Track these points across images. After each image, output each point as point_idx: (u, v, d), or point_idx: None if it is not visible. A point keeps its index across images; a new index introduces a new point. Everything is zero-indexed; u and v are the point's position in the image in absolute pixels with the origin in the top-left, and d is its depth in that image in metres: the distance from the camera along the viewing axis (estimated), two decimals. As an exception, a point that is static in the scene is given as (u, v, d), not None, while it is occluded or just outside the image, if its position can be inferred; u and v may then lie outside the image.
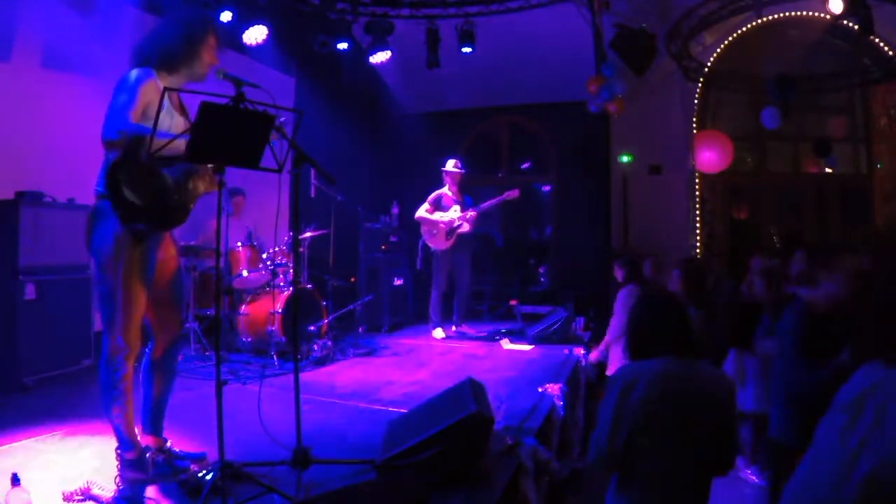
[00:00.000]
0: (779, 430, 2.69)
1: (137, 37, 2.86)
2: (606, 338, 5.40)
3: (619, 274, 5.51)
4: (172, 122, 2.69)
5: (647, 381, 2.05)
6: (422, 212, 6.87)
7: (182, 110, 2.87)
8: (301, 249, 5.88)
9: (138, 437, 2.74)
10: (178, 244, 3.08)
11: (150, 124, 2.44)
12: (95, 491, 2.47)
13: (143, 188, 2.53)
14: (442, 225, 6.80)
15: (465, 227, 6.84)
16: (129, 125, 2.52)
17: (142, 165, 2.54)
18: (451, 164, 6.99)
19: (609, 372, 5.15)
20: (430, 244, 6.93)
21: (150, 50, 2.75)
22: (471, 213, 6.82)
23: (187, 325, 5.48)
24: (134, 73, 2.66)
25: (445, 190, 6.96)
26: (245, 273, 5.59)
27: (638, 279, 5.37)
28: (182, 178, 2.69)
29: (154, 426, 2.86)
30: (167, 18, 2.85)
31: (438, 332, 6.82)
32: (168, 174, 2.63)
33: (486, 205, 6.89)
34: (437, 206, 6.89)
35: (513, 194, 6.84)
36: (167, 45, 2.75)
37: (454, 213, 6.82)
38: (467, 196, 7.08)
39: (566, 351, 5.86)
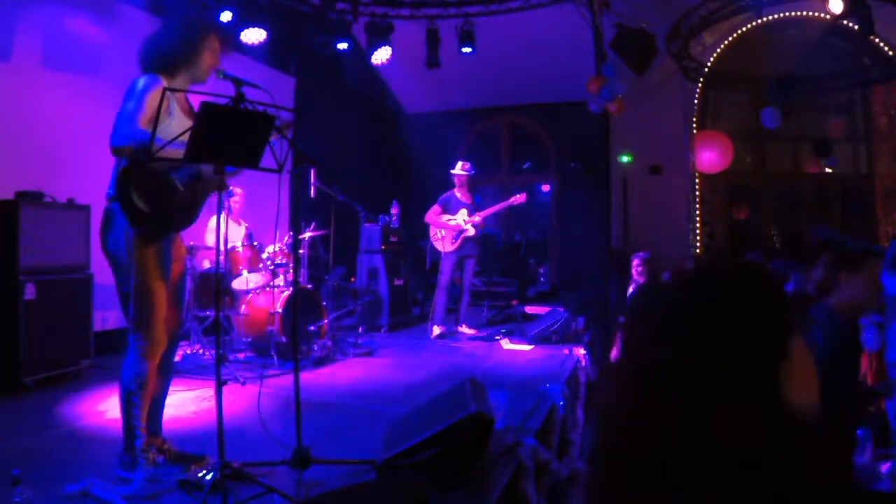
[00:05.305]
0: None
1: (138, 37, 2.85)
2: None
3: (637, 271, 5.34)
4: (180, 124, 2.66)
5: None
6: (431, 214, 6.91)
7: (191, 113, 2.85)
8: (301, 249, 5.87)
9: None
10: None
11: (157, 129, 2.44)
12: (96, 491, 2.47)
13: (151, 194, 2.54)
14: (448, 230, 6.82)
15: (471, 232, 6.85)
16: (139, 132, 2.51)
17: (151, 171, 2.55)
18: (458, 167, 6.99)
19: None
20: (436, 246, 6.96)
21: (150, 54, 2.76)
22: (476, 219, 6.82)
23: (187, 324, 5.49)
24: (142, 81, 2.66)
25: (455, 191, 6.99)
26: (245, 273, 5.59)
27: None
28: (191, 181, 2.69)
29: (154, 425, 2.86)
30: (166, 22, 2.86)
31: (438, 332, 6.82)
32: (177, 178, 2.64)
33: (492, 209, 6.87)
34: (446, 207, 6.91)
35: (520, 199, 6.83)
36: (165, 49, 2.76)
37: (460, 217, 6.83)
38: (478, 196, 7.08)
39: (566, 351, 5.85)
